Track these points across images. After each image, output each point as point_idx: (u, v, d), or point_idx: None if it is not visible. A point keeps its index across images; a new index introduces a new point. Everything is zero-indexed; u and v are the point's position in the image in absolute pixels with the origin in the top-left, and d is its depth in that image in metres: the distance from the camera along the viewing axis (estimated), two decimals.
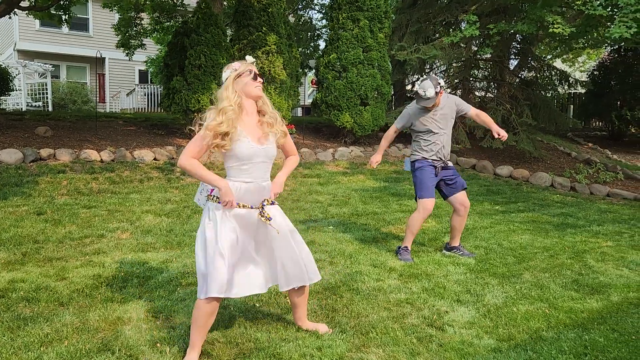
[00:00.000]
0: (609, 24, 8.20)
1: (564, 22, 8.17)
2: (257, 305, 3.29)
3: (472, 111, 4.57)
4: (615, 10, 7.75)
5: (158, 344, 2.69)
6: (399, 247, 4.56)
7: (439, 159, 4.50)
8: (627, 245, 5.28)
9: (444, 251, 4.75)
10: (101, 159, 7.49)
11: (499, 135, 4.44)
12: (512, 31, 9.64)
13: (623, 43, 10.30)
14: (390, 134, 4.72)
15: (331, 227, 5.55)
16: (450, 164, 4.61)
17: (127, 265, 3.92)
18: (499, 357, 2.70)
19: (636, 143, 16.32)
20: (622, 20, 7.33)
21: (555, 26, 8.08)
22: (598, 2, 7.65)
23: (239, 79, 2.60)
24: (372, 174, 8.99)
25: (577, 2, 7.93)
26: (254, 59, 2.70)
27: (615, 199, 8.97)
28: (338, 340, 2.81)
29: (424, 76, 5.17)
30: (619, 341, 2.93)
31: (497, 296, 3.60)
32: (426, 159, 4.49)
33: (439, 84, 4.33)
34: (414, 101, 4.55)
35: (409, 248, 4.52)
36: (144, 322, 2.94)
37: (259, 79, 2.65)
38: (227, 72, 2.63)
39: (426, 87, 4.26)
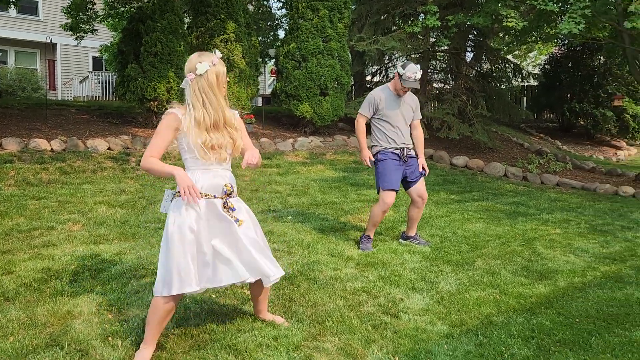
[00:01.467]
0: (560, 19, 8.47)
1: (517, 16, 8.39)
2: (214, 296, 3.25)
3: (417, 122, 4.66)
4: (567, 6, 8.02)
5: (110, 338, 2.62)
6: (362, 235, 4.62)
7: (401, 148, 4.51)
8: (574, 233, 5.52)
9: (400, 240, 4.82)
10: (52, 149, 7.21)
11: (422, 168, 4.64)
12: (469, 23, 9.82)
13: (573, 38, 10.70)
14: (362, 125, 4.61)
15: (290, 217, 5.54)
16: (413, 153, 4.65)
17: (79, 258, 3.80)
18: (451, 342, 2.77)
19: (584, 134, 17.03)
20: (572, 17, 7.60)
21: (508, 20, 8.29)
22: None
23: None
24: (331, 164, 9.02)
25: None
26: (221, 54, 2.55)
27: (564, 188, 9.35)
28: (294, 330, 2.82)
29: (406, 61, 5.14)
30: (564, 324, 3.06)
31: (451, 283, 3.69)
32: (389, 148, 4.51)
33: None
34: (378, 88, 4.58)
35: (371, 237, 4.57)
36: (95, 316, 2.86)
37: None
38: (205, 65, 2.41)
39: (416, 70, 4.28)
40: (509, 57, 24.96)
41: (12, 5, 11.23)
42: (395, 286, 3.58)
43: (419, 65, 4.39)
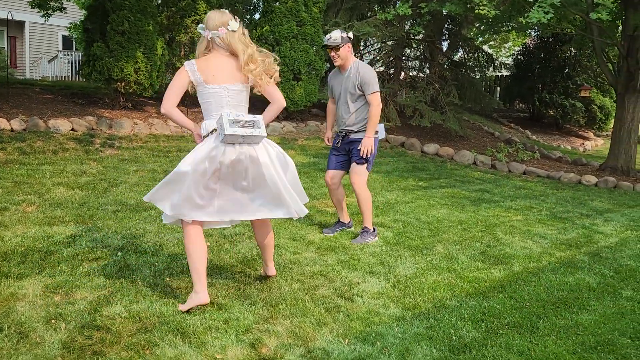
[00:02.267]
0: (532, 9, 8.52)
1: (490, 4, 8.42)
2: (168, 279, 3.20)
3: (371, 97, 4.19)
4: None
5: (53, 320, 2.56)
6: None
7: (341, 130, 4.42)
8: (534, 220, 5.62)
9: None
10: (11, 128, 6.97)
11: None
12: (444, 11, 9.82)
13: (542, 28, 10.80)
14: (330, 106, 4.60)
15: None
16: (353, 137, 4.32)
17: (29, 240, 3.69)
18: (402, 324, 2.79)
19: (554, 124, 17.34)
20: (541, 6, 7.66)
21: (481, 7, 8.32)
22: None
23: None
24: (302, 149, 8.97)
25: None
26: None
27: (530, 176, 9.51)
28: (246, 313, 2.80)
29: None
30: (515, 307, 3.11)
31: (408, 267, 3.72)
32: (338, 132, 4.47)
33: (348, 36, 4.23)
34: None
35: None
36: (40, 298, 2.79)
37: None
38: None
39: (334, 32, 4.21)
40: (485, 47, 25.25)
41: None
42: (353, 270, 3.59)
43: (346, 33, 4.22)
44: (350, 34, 4.28)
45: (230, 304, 2.88)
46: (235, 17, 2.84)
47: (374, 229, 4.43)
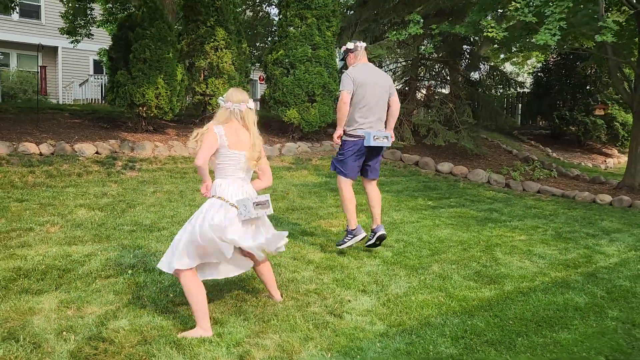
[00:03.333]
0: (540, 30, 8.64)
1: (499, 27, 8.58)
2: (171, 295, 3.46)
3: (341, 94, 4.44)
4: (545, 18, 8.19)
5: (64, 332, 2.83)
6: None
7: None
8: (537, 240, 5.69)
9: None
10: (40, 152, 7.44)
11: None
12: (453, 32, 10.01)
13: (547, 50, 10.86)
14: None
15: None
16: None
17: (50, 258, 4.01)
18: (384, 340, 2.97)
19: (575, 142, 17.18)
20: (548, 28, 7.78)
21: (489, 30, 8.49)
22: (528, 10, 8.07)
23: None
24: (315, 169, 9.22)
25: (510, 8, 8.35)
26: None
27: (544, 195, 9.52)
28: (239, 327, 3.02)
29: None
30: (497, 325, 3.25)
31: (401, 286, 3.89)
32: None
33: (347, 47, 4.56)
34: None
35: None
36: (54, 312, 3.07)
37: None
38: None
39: (349, 43, 4.58)
40: (507, 64, 25.25)
41: (11, 10, 11.55)
42: (347, 288, 3.78)
43: (354, 42, 4.62)
44: (350, 45, 4.60)
45: (225, 319, 3.11)
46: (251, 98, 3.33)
47: (352, 229, 4.53)
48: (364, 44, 4.70)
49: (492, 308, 3.54)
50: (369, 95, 4.47)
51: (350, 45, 4.62)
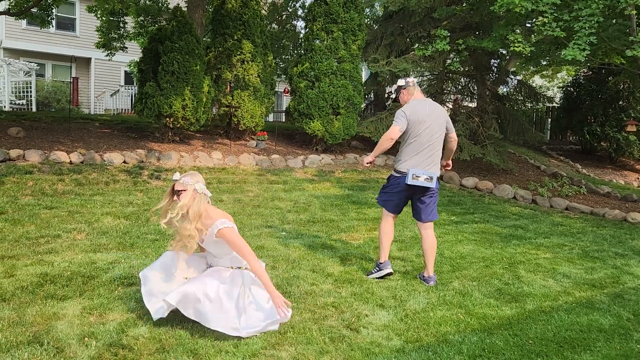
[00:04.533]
0: (569, 44, 8.54)
1: (525, 42, 8.50)
2: None
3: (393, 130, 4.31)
4: (575, 33, 8.08)
5: (86, 338, 2.90)
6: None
7: None
8: (563, 258, 5.57)
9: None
10: (70, 161, 7.66)
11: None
12: (481, 47, 9.97)
13: (577, 65, 10.68)
14: None
15: (283, 233, 5.78)
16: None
17: (75, 265, 4.12)
18: (400, 356, 2.95)
19: (607, 158, 16.77)
20: (577, 43, 7.68)
21: (516, 44, 8.42)
22: (556, 24, 7.99)
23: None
24: (338, 181, 9.24)
25: (537, 23, 8.27)
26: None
27: (572, 212, 9.30)
28: (256, 339, 3.04)
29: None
30: (516, 345, 3.19)
31: (420, 302, 3.85)
32: None
33: (399, 85, 4.46)
34: None
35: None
36: (77, 318, 3.15)
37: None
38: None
39: (400, 79, 4.49)
40: (536, 77, 24.88)
41: (48, 24, 12.02)
42: (365, 303, 3.77)
43: (404, 79, 4.48)
44: (402, 82, 4.49)
45: None
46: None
47: (381, 263, 4.44)
48: (415, 79, 4.56)
49: (512, 327, 3.48)
50: (423, 134, 4.29)
51: (401, 82, 4.49)
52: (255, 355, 2.85)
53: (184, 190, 3.16)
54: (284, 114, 21.03)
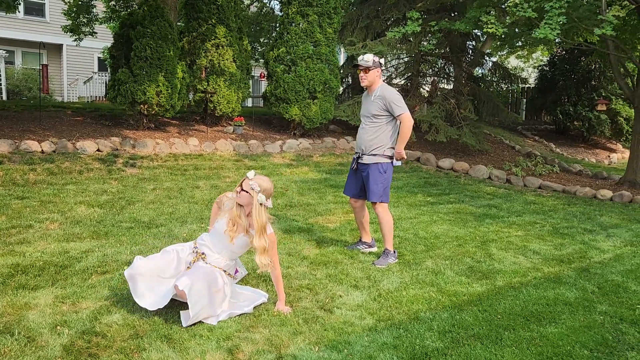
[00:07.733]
0: (540, 25, 8.62)
1: (499, 23, 8.57)
2: None
3: (402, 117, 4.30)
4: (545, 14, 8.17)
5: (58, 327, 2.89)
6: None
7: (356, 152, 4.59)
8: (534, 235, 5.72)
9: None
10: (42, 150, 7.52)
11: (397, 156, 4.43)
12: (455, 28, 10.00)
13: (548, 44, 10.81)
14: None
15: None
16: (366, 159, 4.41)
17: (48, 255, 4.08)
18: (372, 334, 3.01)
19: (579, 137, 17.11)
20: (548, 23, 7.77)
21: (489, 26, 8.48)
22: (528, 5, 8.06)
23: None
24: (316, 165, 9.26)
25: (509, 4, 8.34)
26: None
27: (545, 191, 9.51)
28: (230, 322, 3.07)
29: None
30: (485, 320, 3.28)
31: (393, 282, 3.93)
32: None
33: (379, 61, 4.38)
34: None
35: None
36: (49, 308, 3.14)
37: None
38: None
39: (367, 55, 4.38)
40: (512, 57, 25.10)
41: (13, 9, 11.66)
42: (339, 284, 3.82)
43: (377, 57, 4.42)
44: (382, 61, 4.48)
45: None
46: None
47: (394, 251, 4.48)
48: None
49: (482, 303, 3.58)
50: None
51: (382, 61, 4.48)
52: (229, 339, 2.88)
53: (247, 192, 3.19)
54: (261, 99, 20.92)
